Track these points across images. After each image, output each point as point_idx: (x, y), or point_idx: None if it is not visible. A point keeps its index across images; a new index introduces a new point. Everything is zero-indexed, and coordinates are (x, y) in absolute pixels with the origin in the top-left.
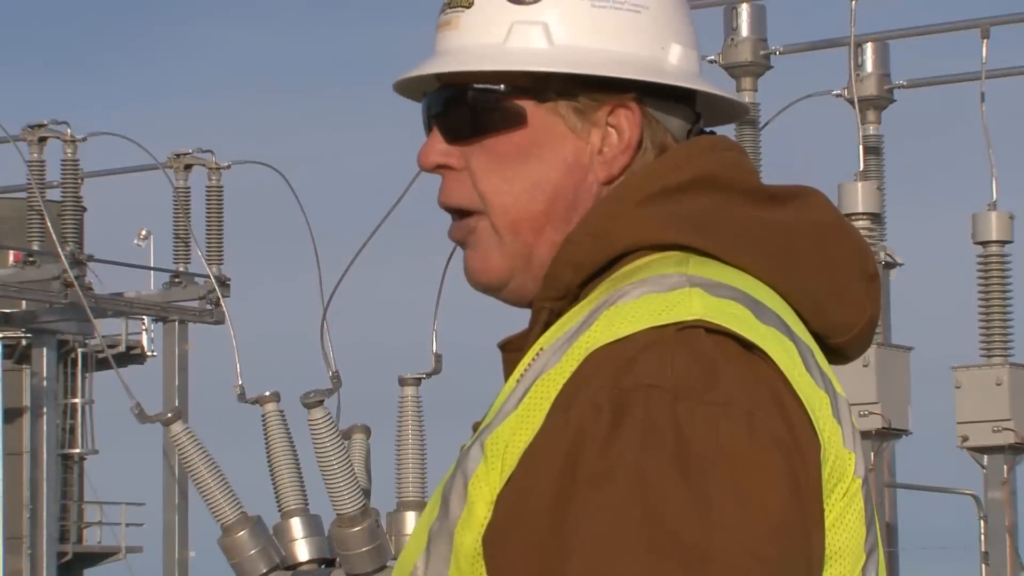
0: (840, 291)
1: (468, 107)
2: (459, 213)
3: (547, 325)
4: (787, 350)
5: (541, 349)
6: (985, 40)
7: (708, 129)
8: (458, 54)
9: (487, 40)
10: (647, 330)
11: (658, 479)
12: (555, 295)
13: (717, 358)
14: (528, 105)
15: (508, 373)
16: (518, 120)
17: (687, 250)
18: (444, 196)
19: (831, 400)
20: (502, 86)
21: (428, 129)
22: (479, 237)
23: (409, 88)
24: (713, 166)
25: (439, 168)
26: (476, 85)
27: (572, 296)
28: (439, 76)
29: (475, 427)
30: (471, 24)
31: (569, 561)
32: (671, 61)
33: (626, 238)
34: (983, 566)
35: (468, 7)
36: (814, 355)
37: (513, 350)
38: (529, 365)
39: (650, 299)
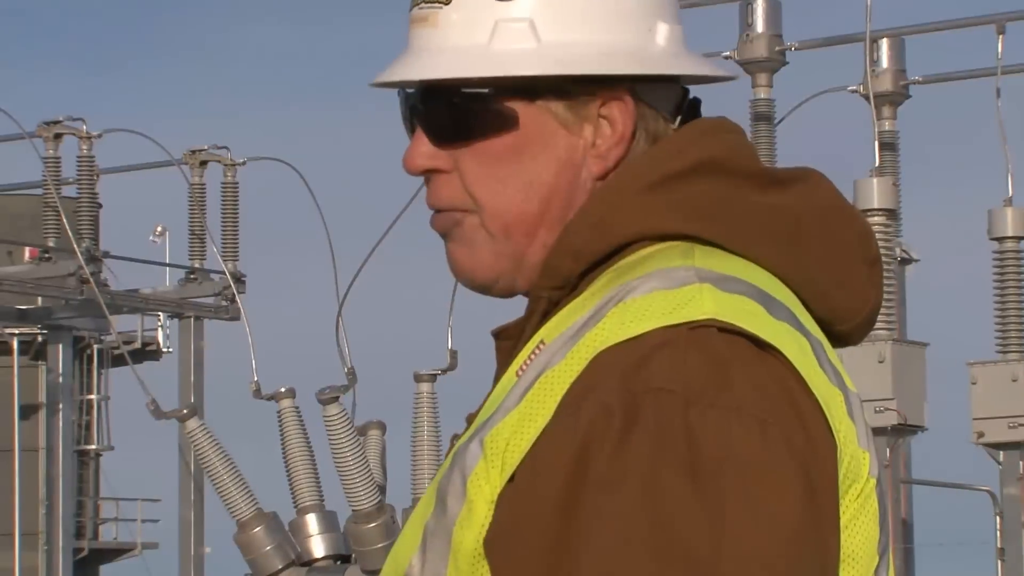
0: (845, 277)
1: (455, 110)
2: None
3: (545, 314)
4: (801, 347)
5: (542, 342)
6: (1001, 36)
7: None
8: (440, 56)
9: (470, 40)
10: (658, 330)
11: (669, 487)
12: (554, 284)
13: (731, 359)
14: (518, 105)
15: (502, 362)
16: (509, 123)
17: (691, 239)
18: (434, 199)
19: (844, 397)
20: (490, 89)
21: (410, 129)
22: (465, 231)
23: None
24: (715, 150)
25: (427, 172)
26: (463, 89)
27: (571, 286)
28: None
29: (469, 419)
30: (451, 22)
31: (577, 566)
32: (659, 43)
33: (628, 228)
34: (999, 562)
35: (446, 3)
36: (825, 350)
37: (507, 338)
38: (529, 359)
39: (659, 296)
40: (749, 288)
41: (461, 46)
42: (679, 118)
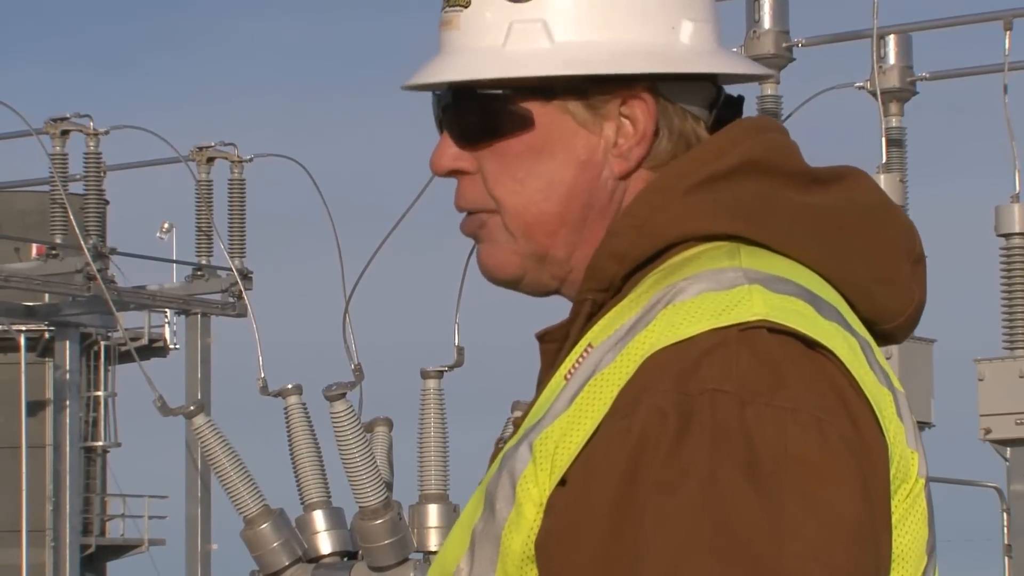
0: (889, 276)
1: (473, 112)
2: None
3: (590, 317)
4: (851, 347)
5: (589, 345)
6: (1008, 32)
7: (729, 93)
8: (457, 58)
9: (487, 42)
10: (709, 332)
11: (729, 486)
12: (598, 287)
13: (782, 359)
14: (534, 106)
15: (547, 364)
16: (525, 123)
17: (736, 239)
18: (460, 200)
19: (893, 397)
20: (504, 90)
21: (440, 129)
22: (490, 232)
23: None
24: (759, 149)
25: (452, 173)
26: (480, 90)
27: (615, 288)
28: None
29: (516, 423)
30: (470, 25)
31: (639, 569)
32: (682, 41)
33: (673, 229)
34: (1006, 559)
35: (466, 6)
36: (872, 350)
37: (551, 341)
38: (577, 363)
39: (709, 297)
40: (797, 289)
41: (477, 48)
42: (713, 115)
